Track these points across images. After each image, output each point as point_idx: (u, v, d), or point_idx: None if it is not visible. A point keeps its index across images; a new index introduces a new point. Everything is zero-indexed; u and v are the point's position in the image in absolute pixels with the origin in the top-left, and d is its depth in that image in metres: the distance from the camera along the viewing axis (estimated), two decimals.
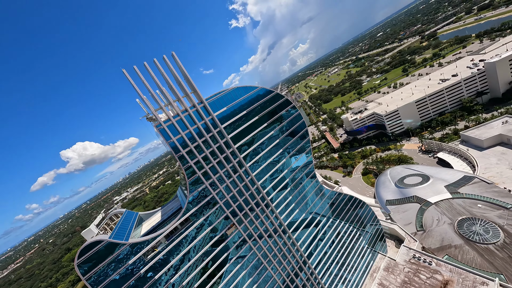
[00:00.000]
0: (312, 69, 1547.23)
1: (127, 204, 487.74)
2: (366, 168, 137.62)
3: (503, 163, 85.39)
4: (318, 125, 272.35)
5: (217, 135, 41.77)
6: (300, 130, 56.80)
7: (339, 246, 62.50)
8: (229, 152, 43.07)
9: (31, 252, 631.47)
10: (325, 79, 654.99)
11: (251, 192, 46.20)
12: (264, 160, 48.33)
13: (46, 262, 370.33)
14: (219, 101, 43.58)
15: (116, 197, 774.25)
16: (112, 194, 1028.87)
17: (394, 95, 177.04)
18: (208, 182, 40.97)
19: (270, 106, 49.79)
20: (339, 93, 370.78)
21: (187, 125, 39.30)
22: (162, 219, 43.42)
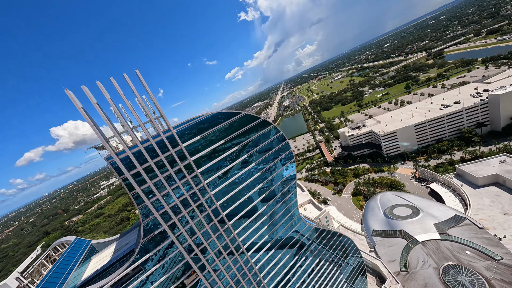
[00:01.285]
0: (317, 72, 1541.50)
1: (113, 191, 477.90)
2: (357, 189, 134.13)
3: (496, 206, 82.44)
4: (315, 134, 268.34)
5: (184, 170, 35.96)
6: (286, 162, 51.31)
7: (313, 281, 58.02)
8: (197, 189, 37.39)
9: (10, 230, 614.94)
10: (328, 84, 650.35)
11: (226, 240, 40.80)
12: (241, 203, 42.84)
13: (22, 244, 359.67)
14: (192, 129, 37.69)
15: (104, 181, 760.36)
16: (100, 178, 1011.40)
17: (394, 114, 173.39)
18: (168, 223, 35.29)
19: (253, 135, 44.09)
20: (340, 102, 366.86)
21: (147, 158, 33.31)
22: (112, 258, 37.60)
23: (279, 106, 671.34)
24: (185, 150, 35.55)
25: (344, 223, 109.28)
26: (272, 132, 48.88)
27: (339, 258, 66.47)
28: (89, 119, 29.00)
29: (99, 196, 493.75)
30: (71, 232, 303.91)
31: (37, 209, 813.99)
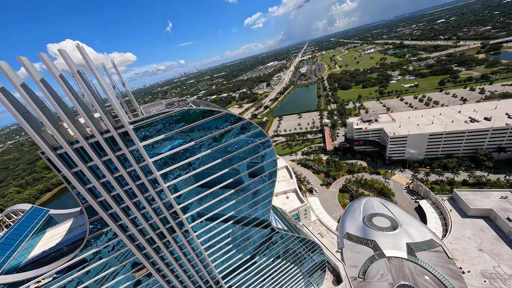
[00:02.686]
0: (348, 38, 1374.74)
1: None
2: (346, 186, 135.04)
3: (475, 240, 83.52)
4: (323, 115, 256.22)
5: (130, 156, 32.47)
6: (269, 173, 47.71)
7: (269, 267, 62.65)
8: (148, 180, 34.84)
9: (11, 142, 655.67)
10: (355, 58, 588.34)
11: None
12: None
13: (21, 160, 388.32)
14: (155, 125, 32.53)
15: None
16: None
17: (413, 115, 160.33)
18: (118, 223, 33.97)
19: (231, 138, 39.16)
20: (362, 83, 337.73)
21: (92, 156, 29.33)
22: (63, 241, 37.87)
23: (295, 72, 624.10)
24: (132, 133, 30.37)
25: (322, 217, 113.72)
26: (255, 135, 43.53)
27: (301, 255, 70.50)
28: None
29: None
30: None
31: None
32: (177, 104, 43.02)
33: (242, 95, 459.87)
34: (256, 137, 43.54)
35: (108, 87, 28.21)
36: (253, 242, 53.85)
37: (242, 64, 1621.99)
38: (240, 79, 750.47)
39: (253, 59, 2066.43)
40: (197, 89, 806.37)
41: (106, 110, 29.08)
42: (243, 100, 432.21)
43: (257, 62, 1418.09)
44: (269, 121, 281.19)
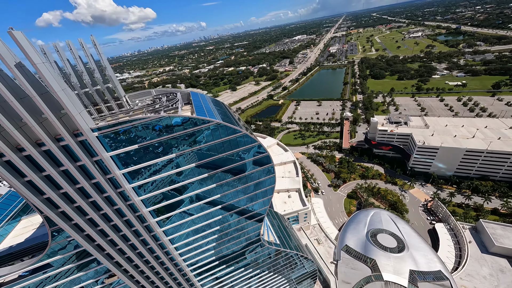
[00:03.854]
0: (393, 15, 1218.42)
1: (125, 89, 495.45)
2: (355, 192, 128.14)
3: (491, 282, 76.53)
4: (346, 106, 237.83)
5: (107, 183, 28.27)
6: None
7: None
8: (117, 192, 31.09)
9: None
10: (397, 41, 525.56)
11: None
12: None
13: None
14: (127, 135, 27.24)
15: (117, 74, 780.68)
16: (116, 67, 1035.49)
17: (451, 123, 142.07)
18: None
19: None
20: (398, 74, 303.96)
21: (44, 166, 25.07)
22: (31, 238, 36.46)
23: (324, 51, 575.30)
24: (95, 142, 25.64)
25: (322, 222, 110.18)
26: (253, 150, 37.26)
27: (292, 263, 68.53)
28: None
29: None
30: None
31: None
32: (164, 101, 36.90)
33: (261, 71, 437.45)
34: (253, 153, 37.30)
35: (57, 77, 22.24)
36: (238, 248, 51.17)
37: (266, 34, 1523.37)
38: (261, 52, 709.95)
39: (280, 29, 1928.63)
40: (215, 58, 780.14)
41: (63, 112, 23.82)
42: (261, 77, 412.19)
43: (283, 33, 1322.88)
44: (285, 105, 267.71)
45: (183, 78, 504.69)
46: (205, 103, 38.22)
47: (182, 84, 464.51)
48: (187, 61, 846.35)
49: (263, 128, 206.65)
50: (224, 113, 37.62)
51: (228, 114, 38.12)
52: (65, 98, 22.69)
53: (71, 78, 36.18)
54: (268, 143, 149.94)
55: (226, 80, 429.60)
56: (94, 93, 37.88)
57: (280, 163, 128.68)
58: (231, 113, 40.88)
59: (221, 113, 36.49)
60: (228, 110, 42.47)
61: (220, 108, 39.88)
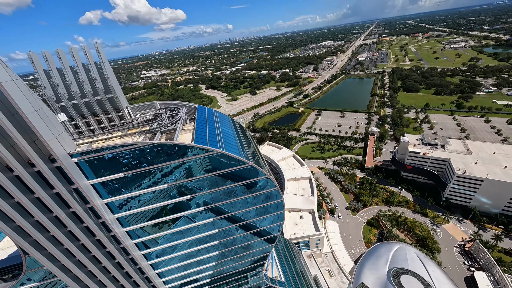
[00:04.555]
0: (433, 22, 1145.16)
1: (149, 86, 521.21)
2: (377, 219, 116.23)
3: None
4: (372, 119, 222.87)
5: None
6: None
7: None
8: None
9: None
10: (435, 51, 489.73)
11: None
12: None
13: None
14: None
15: (144, 71, 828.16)
16: (144, 65, 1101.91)
17: (501, 150, 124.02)
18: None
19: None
20: (435, 87, 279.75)
21: (13, 194, 22.18)
22: (8, 258, 34.58)
23: (351, 58, 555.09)
24: (72, 170, 22.47)
25: (336, 251, 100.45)
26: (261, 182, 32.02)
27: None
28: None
29: (136, 86, 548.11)
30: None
31: (88, 74, 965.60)
32: (164, 118, 33.36)
33: (283, 76, 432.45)
34: (261, 186, 32.06)
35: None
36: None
37: (291, 39, 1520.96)
38: (285, 57, 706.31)
39: (306, 34, 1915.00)
40: (238, 60, 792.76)
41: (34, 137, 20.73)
42: (283, 82, 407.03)
43: (310, 38, 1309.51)
44: (305, 114, 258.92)
45: (205, 79, 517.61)
46: (211, 123, 34.01)
47: (203, 85, 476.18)
48: (211, 62, 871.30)
49: (280, 137, 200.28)
50: (231, 135, 33.03)
51: (236, 137, 33.49)
52: (37, 121, 19.52)
53: (71, 86, 34.36)
54: (284, 154, 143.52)
55: (247, 84, 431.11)
56: (94, 103, 35.73)
57: (294, 178, 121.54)
58: (241, 134, 36.20)
59: (227, 136, 31.94)
60: (238, 130, 37.84)
61: (229, 128, 35.41)
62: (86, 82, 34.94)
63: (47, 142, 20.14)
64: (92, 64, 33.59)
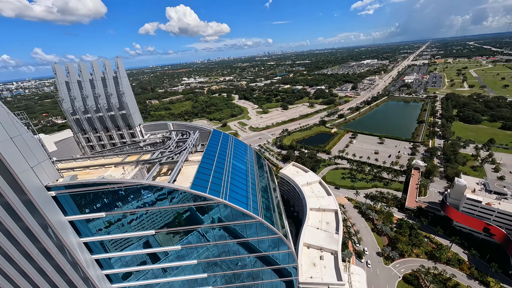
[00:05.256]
0: (501, 45, 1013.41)
1: (186, 93, 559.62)
2: (417, 276, 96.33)
3: None
4: (417, 150, 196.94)
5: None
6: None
7: None
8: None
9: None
10: (503, 78, 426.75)
11: None
12: None
13: None
14: None
15: (185, 78, 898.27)
16: (186, 72, 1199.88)
17: None
18: None
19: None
20: (502, 120, 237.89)
21: None
22: None
23: (396, 79, 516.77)
24: (43, 205, 19.24)
25: None
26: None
27: None
28: None
29: (175, 91, 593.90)
30: (145, 112, 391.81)
31: (139, 77, 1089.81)
32: (170, 144, 29.87)
33: (318, 93, 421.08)
34: (270, 245, 25.45)
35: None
36: None
37: (331, 55, 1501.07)
38: (322, 73, 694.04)
39: (347, 51, 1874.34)
40: (274, 73, 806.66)
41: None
42: (317, 99, 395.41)
43: (351, 56, 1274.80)
44: (338, 135, 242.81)
45: (239, 89, 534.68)
46: (222, 154, 29.26)
47: (237, 95, 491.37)
48: (247, 73, 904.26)
49: (307, 158, 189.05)
50: (242, 174, 27.65)
51: (248, 177, 27.98)
52: (9, 150, 16.76)
53: (87, 100, 33.66)
54: (309, 179, 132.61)
55: (279, 97, 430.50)
56: (107, 119, 34.46)
57: (318, 208, 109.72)
58: (256, 170, 30.66)
59: (238, 175, 26.63)
60: (254, 163, 32.43)
61: (242, 162, 30.23)
62: (102, 97, 33.94)
63: (17, 174, 17.28)
64: (109, 79, 32.33)
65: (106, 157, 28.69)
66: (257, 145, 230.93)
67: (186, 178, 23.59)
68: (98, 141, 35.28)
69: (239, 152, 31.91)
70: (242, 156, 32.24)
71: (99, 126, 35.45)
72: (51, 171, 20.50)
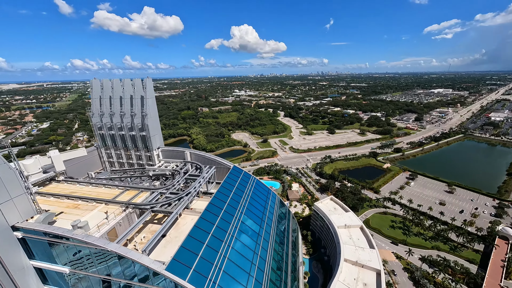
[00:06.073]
0: None
1: (235, 104, 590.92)
2: None
3: None
4: (506, 212, 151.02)
5: None
6: None
7: None
8: None
9: (176, 90, 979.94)
10: None
11: None
12: None
13: (176, 107, 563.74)
14: None
15: (236, 90, 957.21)
16: (238, 84, 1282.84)
17: None
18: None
19: None
20: None
21: None
22: None
23: (478, 115, 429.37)
24: None
25: None
26: None
27: None
28: None
29: (226, 102, 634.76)
30: (195, 118, 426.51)
31: (198, 85, 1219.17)
32: (176, 183, 25.42)
33: (372, 120, 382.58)
34: None
35: None
36: None
37: (393, 80, 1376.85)
38: (380, 99, 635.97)
39: (414, 77, 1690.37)
40: (325, 94, 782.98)
41: None
42: (370, 127, 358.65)
43: (418, 82, 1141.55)
44: (392, 172, 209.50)
45: (285, 106, 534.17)
46: (232, 206, 23.18)
47: (282, 112, 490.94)
48: (297, 91, 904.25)
49: (349, 193, 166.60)
50: (251, 241, 20.71)
51: (258, 246, 20.86)
52: None
53: (113, 118, 33.13)
54: (349, 220, 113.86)
55: (327, 120, 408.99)
56: (128, 139, 33.16)
57: (354, 262, 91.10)
58: (273, 232, 23.29)
59: (244, 244, 19.86)
60: (274, 220, 25.11)
61: (256, 222, 23.39)
62: (127, 115, 32.93)
63: None
64: (137, 99, 30.96)
65: (107, 186, 26.56)
66: (294, 168, 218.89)
67: (178, 235, 18.19)
68: (117, 159, 34.25)
69: (257, 202, 25.26)
70: (260, 207, 25.40)
71: (120, 144, 34.59)
72: (26, 207, 18.15)
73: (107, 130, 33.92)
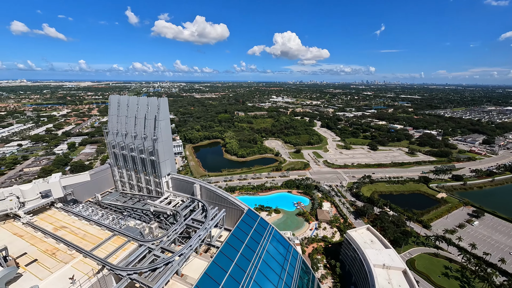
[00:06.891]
0: None
1: (271, 110, 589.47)
2: None
3: None
4: None
5: None
6: None
7: None
8: None
9: (217, 93, 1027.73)
10: None
11: None
12: None
13: (214, 109, 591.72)
14: None
15: (273, 96, 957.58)
16: (276, 90, 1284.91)
17: None
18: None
19: None
20: None
21: None
22: None
23: None
24: None
25: None
26: None
27: None
28: None
29: (262, 107, 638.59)
30: (231, 122, 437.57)
31: (237, 89, 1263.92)
32: (172, 233, 20.60)
33: (425, 139, 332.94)
34: None
35: None
36: None
37: (455, 93, 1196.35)
38: (436, 114, 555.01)
39: (483, 90, 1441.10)
40: (369, 105, 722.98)
41: None
42: (422, 146, 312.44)
43: (489, 97, 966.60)
44: (448, 205, 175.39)
45: (323, 116, 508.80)
46: (241, 267, 17.24)
47: (319, 122, 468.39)
48: (337, 101, 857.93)
49: (390, 223, 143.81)
50: None
51: None
52: None
53: (126, 138, 30.90)
54: (388, 259, 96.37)
55: (369, 134, 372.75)
56: (138, 161, 30.47)
57: None
58: None
59: None
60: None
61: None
62: (138, 137, 30.24)
63: None
64: (150, 119, 27.94)
65: (99, 223, 23.74)
66: (327, 184, 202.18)
67: None
68: (128, 179, 31.99)
69: (271, 263, 18.68)
70: (275, 272, 18.75)
71: (131, 166, 32.22)
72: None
73: (120, 149, 32.32)
